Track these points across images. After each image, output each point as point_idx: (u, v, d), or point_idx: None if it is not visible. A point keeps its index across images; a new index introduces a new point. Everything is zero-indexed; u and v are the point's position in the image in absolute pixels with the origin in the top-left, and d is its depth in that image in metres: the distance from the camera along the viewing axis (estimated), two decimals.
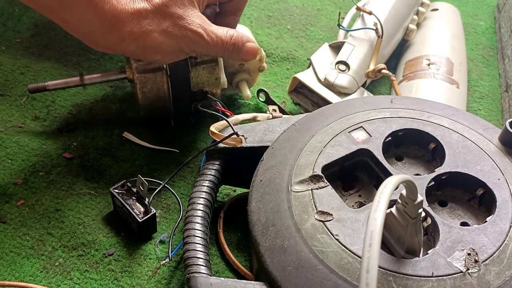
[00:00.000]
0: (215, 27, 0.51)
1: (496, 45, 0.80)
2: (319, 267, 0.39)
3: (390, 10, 0.69)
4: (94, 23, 0.47)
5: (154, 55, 0.50)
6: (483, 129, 0.49)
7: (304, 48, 0.76)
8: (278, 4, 0.83)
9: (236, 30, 0.53)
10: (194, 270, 0.42)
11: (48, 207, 0.53)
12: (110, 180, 0.56)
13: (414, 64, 0.68)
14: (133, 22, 0.47)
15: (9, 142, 0.59)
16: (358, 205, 0.46)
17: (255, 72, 0.63)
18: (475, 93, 0.71)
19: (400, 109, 0.50)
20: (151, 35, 0.48)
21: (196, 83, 0.57)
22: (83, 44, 0.71)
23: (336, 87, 0.62)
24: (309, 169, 0.45)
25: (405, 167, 0.49)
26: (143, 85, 0.55)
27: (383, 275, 0.38)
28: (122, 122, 0.62)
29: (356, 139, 0.48)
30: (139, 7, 0.47)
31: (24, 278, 0.48)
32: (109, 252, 0.50)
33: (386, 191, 0.31)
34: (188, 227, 0.45)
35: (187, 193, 0.56)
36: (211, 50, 0.52)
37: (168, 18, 0.48)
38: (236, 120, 0.55)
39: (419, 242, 0.39)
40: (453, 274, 0.38)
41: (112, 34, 0.47)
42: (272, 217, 0.43)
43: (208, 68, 0.57)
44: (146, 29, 0.47)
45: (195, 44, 0.50)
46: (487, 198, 0.44)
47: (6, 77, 0.66)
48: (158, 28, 0.48)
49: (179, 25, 0.48)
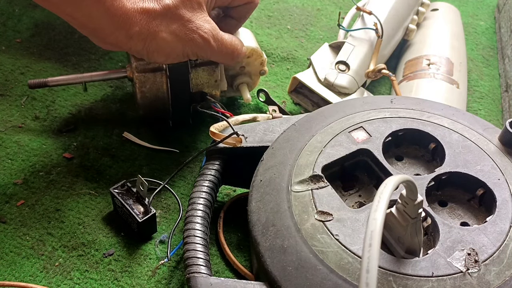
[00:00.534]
0: (222, 34, 0.51)
1: (496, 45, 0.80)
2: (319, 267, 0.39)
3: (390, 10, 0.69)
4: (103, 20, 0.46)
5: (159, 57, 0.50)
6: (483, 129, 0.49)
7: (304, 48, 0.76)
8: (278, 4, 0.83)
9: (239, 39, 0.53)
10: (194, 270, 0.42)
11: (48, 207, 0.53)
12: (110, 180, 0.56)
13: (414, 64, 0.68)
14: (142, 21, 0.47)
15: (9, 142, 0.59)
16: (358, 205, 0.46)
17: (256, 76, 0.63)
18: (475, 93, 0.71)
19: (400, 109, 0.50)
20: (159, 36, 0.48)
21: (195, 84, 0.57)
22: (83, 44, 0.72)
23: (336, 87, 0.62)
24: (309, 169, 0.45)
25: (405, 167, 0.49)
26: (142, 85, 0.55)
27: (383, 275, 0.38)
28: (122, 122, 0.62)
29: (356, 139, 0.48)
30: (149, 7, 0.47)
31: (24, 278, 0.48)
32: (109, 252, 0.50)
33: (386, 191, 0.31)
34: (188, 227, 0.45)
35: (187, 193, 0.56)
36: (214, 57, 0.52)
37: (177, 21, 0.48)
38: (236, 120, 0.55)
39: (419, 242, 0.39)
40: (453, 274, 0.38)
41: (120, 31, 0.47)
42: (272, 217, 0.43)
43: (208, 69, 0.57)
44: (154, 30, 0.47)
45: (200, 49, 0.50)
46: (487, 198, 0.44)
47: (6, 77, 0.66)
48: (167, 30, 0.48)
49: (187, 28, 0.48)
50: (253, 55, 0.61)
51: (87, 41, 0.71)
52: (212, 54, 0.51)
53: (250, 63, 0.61)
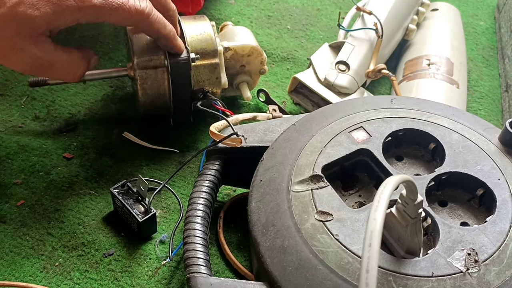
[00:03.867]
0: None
1: (496, 45, 0.80)
2: (319, 267, 0.39)
3: (390, 10, 0.69)
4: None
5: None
6: (483, 129, 0.49)
7: (304, 48, 0.76)
8: (278, 4, 0.83)
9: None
10: (194, 270, 0.42)
11: (48, 207, 0.53)
12: (110, 180, 0.56)
13: (414, 64, 0.68)
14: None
15: (9, 142, 0.59)
16: (358, 205, 0.46)
17: (256, 75, 0.63)
18: (475, 93, 0.71)
19: (400, 109, 0.50)
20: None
21: (196, 81, 0.57)
22: (83, 44, 0.71)
23: (336, 87, 0.62)
24: (309, 169, 0.45)
25: (405, 167, 0.49)
26: (143, 82, 0.55)
27: (383, 275, 0.38)
28: (122, 122, 0.62)
29: (356, 139, 0.48)
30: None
31: (24, 278, 0.48)
32: (109, 252, 0.50)
33: (386, 191, 0.31)
34: (188, 227, 0.45)
35: (187, 193, 0.56)
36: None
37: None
38: (236, 119, 0.55)
39: (419, 242, 0.39)
40: (453, 274, 0.38)
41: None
42: (272, 217, 0.43)
43: (209, 67, 0.57)
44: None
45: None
46: (487, 198, 0.44)
47: (6, 77, 0.66)
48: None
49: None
50: (253, 53, 0.61)
51: (87, 41, 0.71)
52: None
53: (250, 62, 0.62)
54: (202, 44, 0.57)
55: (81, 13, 0.46)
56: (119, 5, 0.47)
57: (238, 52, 0.60)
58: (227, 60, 0.60)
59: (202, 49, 0.57)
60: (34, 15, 0.44)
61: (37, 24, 0.45)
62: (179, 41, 0.54)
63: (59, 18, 0.45)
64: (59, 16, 0.45)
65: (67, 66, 0.50)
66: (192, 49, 0.56)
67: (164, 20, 0.52)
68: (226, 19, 0.78)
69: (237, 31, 0.63)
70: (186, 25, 0.58)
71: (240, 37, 0.62)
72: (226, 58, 0.60)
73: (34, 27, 0.45)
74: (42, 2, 0.44)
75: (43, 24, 0.45)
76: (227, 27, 0.65)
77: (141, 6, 0.49)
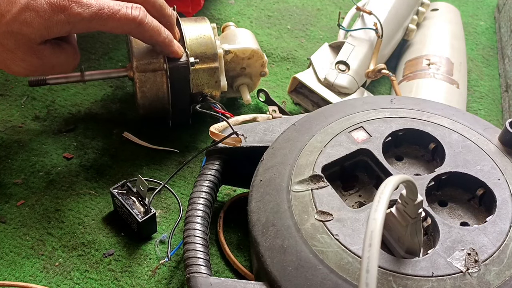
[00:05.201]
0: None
1: (496, 45, 0.80)
2: (319, 267, 0.39)
3: (390, 10, 0.69)
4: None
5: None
6: (483, 129, 0.49)
7: (304, 48, 0.76)
8: (278, 4, 0.83)
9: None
10: (194, 270, 0.42)
11: (48, 207, 0.53)
12: (110, 180, 0.56)
13: (414, 64, 0.68)
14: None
15: (9, 142, 0.59)
16: (358, 205, 0.46)
17: (256, 77, 0.63)
18: (475, 93, 0.71)
19: (400, 109, 0.50)
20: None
21: (195, 84, 0.57)
22: (82, 44, 0.72)
23: (336, 87, 0.62)
24: (309, 169, 0.45)
25: (405, 167, 0.49)
26: (142, 84, 0.55)
27: (383, 275, 0.38)
28: (122, 122, 0.62)
29: (356, 139, 0.48)
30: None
31: (24, 278, 0.48)
32: (109, 252, 0.50)
33: (386, 191, 0.31)
34: (188, 227, 0.45)
35: (187, 193, 0.56)
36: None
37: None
38: (236, 121, 0.55)
39: (419, 242, 0.39)
40: (453, 274, 0.38)
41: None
42: (272, 217, 0.43)
43: (208, 70, 0.57)
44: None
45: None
46: (487, 198, 0.44)
47: (6, 77, 0.66)
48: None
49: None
50: (254, 56, 0.61)
51: (86, 40, 0.71)
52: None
53: (251, 65, 0.61)
54: (202, 47, 0.57)
55: (71, 25, 0.48)
56: (109, 16, 0.48)
57: (239, 55, 0.60)
58: (227, 62, 0.60)
59: (202, 53, 0.57)
60: (29, 32, 0.46)
61: (32, 38, 0.47)
62: (176, 46, 0.54)
63: (51, 32, 0.47)
64: (51, 30, 0.47)
65: (66, 62, 0.52)
66: (192, 53, 0.56)
67: (159, 26, 0.52)
68: (226, 19, 0.78)
69: (238, 33, 0.63)
70: (186, 28, 0.58)
71: (241, 40, 0.62)
72: (227, 60, 0.60)
73: (30, 41, 0.47)
74: (34, 19, 0.46)
75: (38, 38, 0.47)
76: (228, 28, 0.65)
77: (132, 14, 0.50)
